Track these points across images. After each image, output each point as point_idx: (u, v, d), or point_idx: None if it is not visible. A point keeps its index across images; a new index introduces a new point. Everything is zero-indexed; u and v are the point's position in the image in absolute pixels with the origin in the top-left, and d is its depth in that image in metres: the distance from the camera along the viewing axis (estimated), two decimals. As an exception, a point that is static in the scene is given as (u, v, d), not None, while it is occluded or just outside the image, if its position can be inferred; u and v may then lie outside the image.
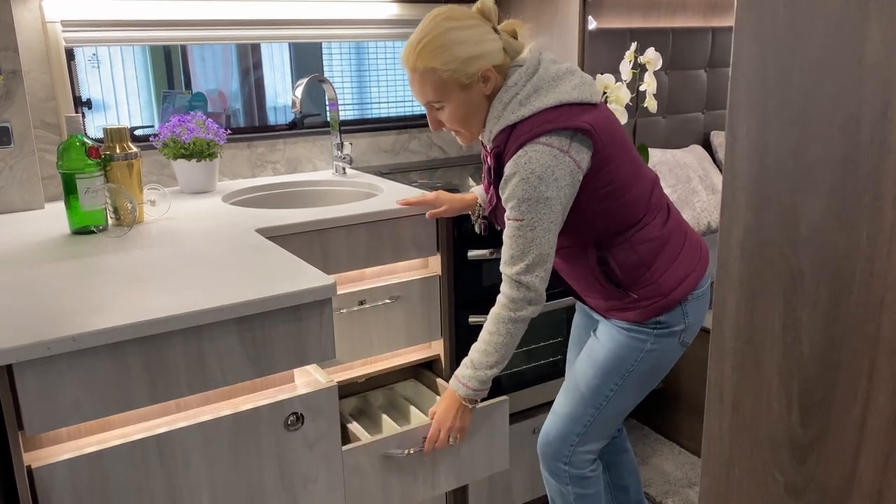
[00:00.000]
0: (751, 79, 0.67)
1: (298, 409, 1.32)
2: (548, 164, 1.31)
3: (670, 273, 1.47)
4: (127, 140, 1.70)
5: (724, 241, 0.75)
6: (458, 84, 1.35)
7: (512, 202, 1.34)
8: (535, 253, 1.35)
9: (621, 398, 1.54)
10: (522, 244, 1.35)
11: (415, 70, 1.37)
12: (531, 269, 1.37)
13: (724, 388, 0.77)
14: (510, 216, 1.36)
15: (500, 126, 1.36)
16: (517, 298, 1.39)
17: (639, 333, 1.50)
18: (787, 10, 0.64)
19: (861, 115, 0.60)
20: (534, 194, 1.31)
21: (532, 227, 1.34)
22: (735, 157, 0.71)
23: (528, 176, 1.31)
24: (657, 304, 1.47)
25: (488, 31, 1.38)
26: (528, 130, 1.33)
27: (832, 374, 0.67)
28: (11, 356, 1.04)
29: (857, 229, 0.62)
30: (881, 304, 0.62)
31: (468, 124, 1.41)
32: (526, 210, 1.33)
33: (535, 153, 1.32)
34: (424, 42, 1.34)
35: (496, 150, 1.38)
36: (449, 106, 1.38)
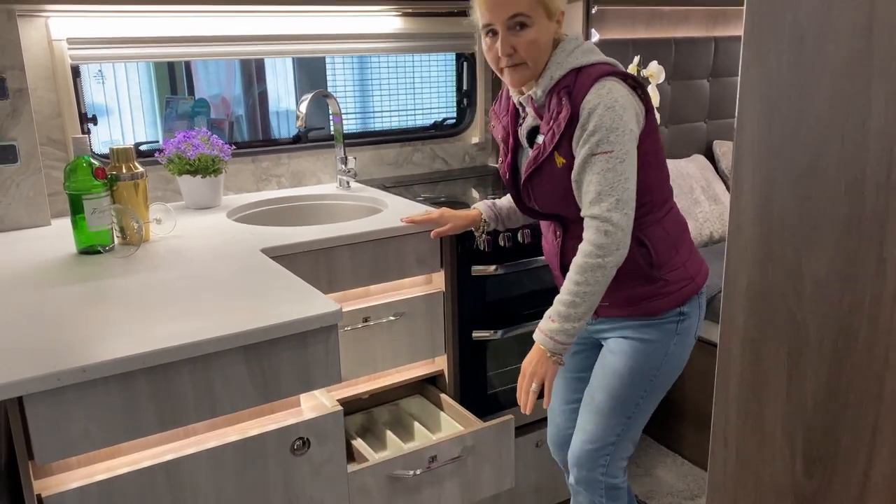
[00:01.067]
0: (756, 135, 0.68)
1: (304, 434, 1.33)
2: (626, 97, 1.34)
3: (692, 258, 1.53)
4: (133, 160, 1.71)
5: (729, 288, 0.75)
6: (547, 10, 1.37)
7: (599, 134, 1.31)
8: (624, 187, 1.32)
9: (651, 402, 1.56)
10: (612, 178, 1.32)
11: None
12: (620, 206, 1.33)
13: (729, 435, 0.78)
14: (598, 150, 1.32)
15: (563, 70, 1.37)
16: (604, 244, 1.34)
17: (661, 337, 1.50)
18: (792, 70, 0.65)
19: (865, 177, 0.61)
20: (620, 123, 1.31)
21: (621, 159, 1.31)
22: (740, 210, 0.71)
23: (612, 104, 1.31)
24: (686, 289, 1.49)
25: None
26: (598, 69, 1.36)
27: (836, 428, 0.67)
28: (23, 388, 1.05)
29: (861, 288, 0.63)
30: (885, 363, 0.63)
31: (539, 57, 1.39)
32: (615, 140, 1.31)
33: (612, 85, 1.34)
34: None
35: (566, 89, 1.36)
36: (533, 29, 1.37)
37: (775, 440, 0.73)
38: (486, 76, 2.61)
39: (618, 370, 1.52)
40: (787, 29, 0.65)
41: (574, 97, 1.35)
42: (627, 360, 1.51)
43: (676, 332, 1.50)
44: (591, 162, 1.33)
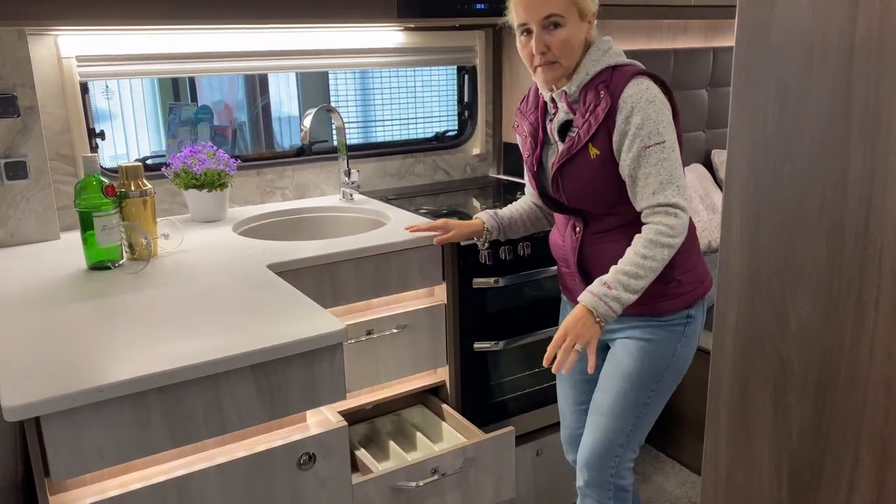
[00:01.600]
0: (744, 180, 0.72)
1: (311, 450, 1.37)
2: (660, 94, 1.40)
3: (701, 262, 1.58)
4: (141, 177, 1.75)
5: (720, 322, 0.79)
6: (580, 11, 1.42)
7: (648, 126, 1.37)
8: (681, 174, 1.39)
9: (658, 402, 1.59)
10: (670, 166, 1.38)
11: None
12: (682, 192, 1.39)
13: (719, 460, 0.81)
14: (650, 142, 1.37)
15: (600, 66, 1.43)
16: (675, 224, 1.38)
17: (668, 338, 1.53)
18: (777, 122, 0.68)
19: (845, 225, 0.65)
20: (664, 116, 1.38)
21: (673, 147, 1.38)
22: (729, 248, 0.75)
23: (653, 98, 1.38)
24: (695, 291, 1.53)
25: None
26: (634, 68, 1.43)
27: (819, 459, 0.71)
28: (40, 408, 1.09)
29: (842, 330, 0.67)
30: (864, 401, 0.66)
31: (571, 56, 1.45)
32: (664, 132, 1.37)
33: (648, 83, 1.40)
34: None
35: (603, 83, 1.42)
36: (566, 28, 1.42)
37: (763, 468, 0.77)
38: (486, 88, 2.64)
39: (626, 371, 1.55)
40: (772, 83, 0.68)
41: (613, 91, 1.41)
42: (635, 362, 1.54)
43: (684, 333, 1.54)
44: (646, 154, 1.38)
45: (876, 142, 0.62)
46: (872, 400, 0.66)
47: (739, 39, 0.71)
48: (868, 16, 0.61)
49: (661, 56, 2.88)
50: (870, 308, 0.65)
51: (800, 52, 0.66)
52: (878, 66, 0.61)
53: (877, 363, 0.65)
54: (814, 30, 0.65)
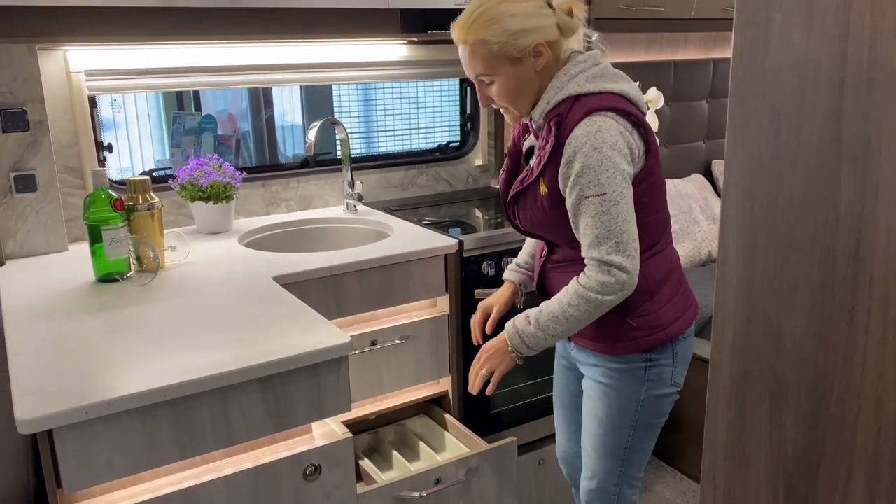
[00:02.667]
0: (739, 205, 0.74)
1: (316, 461, 1.39)
2: (617, 136, 1.27)
3: (670, 306, 1.46)
4: (149, 191, 1.78)
5: (717, 340, 0.82)
6: (509, 57, 1.32)
7: (588, 175, 1.27)
8: (622, 230, 1.28)
9: (640, 443, 1.55)
10: (608, 221, 1.27)
11: (465, 42, 1.35)
12: (621, 249, 1.28)
13: (717, 476, 0.83)
14: (590, 193, 1.27)
15: (561, 96, 1.33)
16: (606, 282, 1.30)
17: (630, 382, 1.47)
18: (771, 151, 0.71)
19: (837, 250, 0.67)
20: (609, 164, 1.25)
21: (616, 201, 1.27)
22: (726, 269, 0.78)
23: (599, 145, 1.26)
24: (653, 337, 1.43)
25: (542, 5, 1.35)
26: (596, 101, 1.30)
27: (813, 475, 0.73)
28: (53, 421, 1.12)
29: (834, 350, 0.69)
30: (856, 419, 0.69)
31: (518, 100, 1.38)
32: (606, 182, 1.26)
33: (604, 123, 1.27)
34: (476, 14, 1.32)
35: (557, 117, 1.32)
36: (499, 80, 1.35)
37: (759, 483, 0.79)
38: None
39: (597, 416, 1.53)
40: (766, 112, 0.71)
41: (563, 128, 1.31)
42: (602, 406, 1.51)
43: (647, 378, 1.47)
44: (584, 205, 1.29)
45: (866, 171, 0.64)
46: (864, 418, 0.68)
47: (735, 69, 0.73)
48: (858, 49, 0.64)
49: (661, 67, 2.91)
50: (860, 330, 0.67)
51: (793, 83, 0.69)
52: (868, 97, 0.64)
53: (868, 383, 0.67)
54: (806, 61, 0.68)
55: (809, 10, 0.66)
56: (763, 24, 0.70)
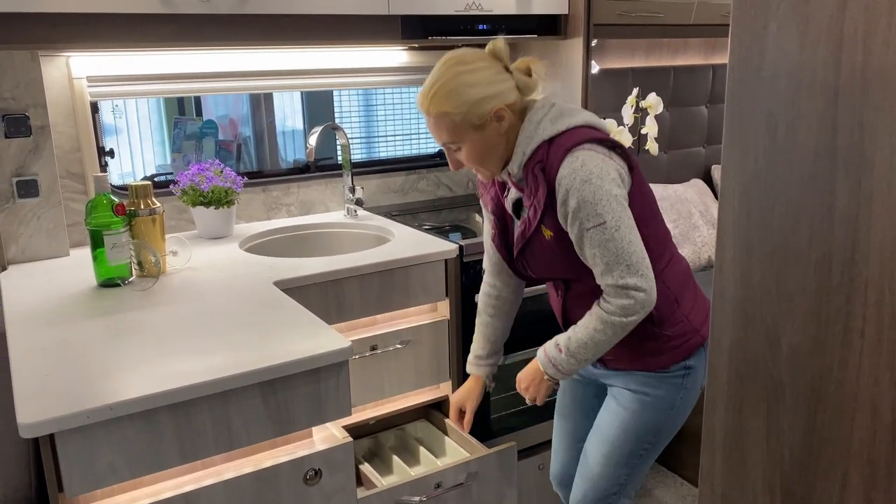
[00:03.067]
0: (736, 211, 0.75)
1: (316, 465, 1.40)
2: (600, 164, 1.31)
3: (697, 308, 1.49)
4: (151, 196, 1.78)
5: (714, 345, 0.82)
6: (472, 125, 1.36)
7: (585, 209, 1.30)
8: (630, 252, 1.31)
9: (654, 453, 1.56)
10: (614, 247, 1.30)
11: (429, 114, 1.39)
12: (633, 270, 1.31)
13: (715, 479, 0.84)
14: (590, 224, 1.30)
15: (534, 144, 1.36)
16: (627, 305, 1.33)
17: (668, 392, 1.49)
18: (767, 156, 0.72)
19: (832, 256, 0.68)
20: (602, 194, 1.29)
21: (617, 226, 1.29)
22: (723, 276, 0.78)
23: (588, 177, 1.29)
24: (690, 342, 1.47)
25: (499, 71, 1.38)
26: (568, 139, 1.34)
27: (811, 478, 0.74)
28: (55, 425, 1.12)
29: (830, 354, 0.70)
30: (852, 423, 0.69)
31: (486, 162, 1.41)
32: (604, 210, 1.29)
33: (585, 156, 1.31)
34: (436, 87, 1.36)
35: (539, 164, 1.35)
36: (465, 146, 1.39)
37: (757, 488, 0.79)
38: (489, 105, 2.68)
39: (623, 423, 1.52)
40: (762, 119, 0.72)
41: (548, 172, 1.34)
42: (632, 415, 1.51)
43: (683, 386, 1.49)
44: (587, 236, 1.32)
45: (861, 177, 0.65)
46: (860, 422, 0.69)
47: (731, 76, 0.74)
48: (852, 56, 0.65)
49: (660, 73, 2.92)
50: (856, 335, 0.68)
51: (788, 90, 0.70)
52: (862, 104, 0.65)
53: (864, 387, 0.68)
54: (801, 68, 0.68)
55: (804, 17, 0.67)
56: (759, 32, 0.71)
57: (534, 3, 2.22)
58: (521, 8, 2.21)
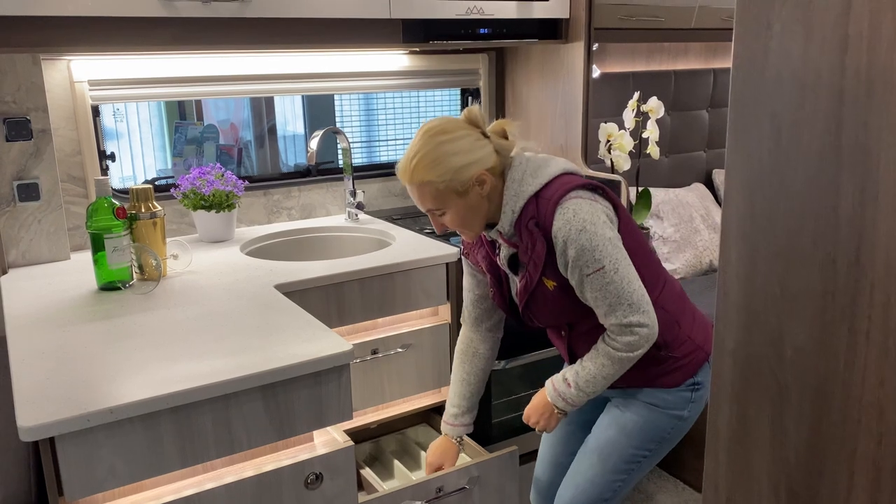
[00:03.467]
0: (740, 212, 0.75)
1: (318, 469, 1.39)
2: (590, 211, 1.35)
3: (697, 325, 1.53)
4: (151, 199, 1.78)
5: (718, 347, 0.82)
6: (455, 192, 1.39)
7: (585, 257, 1.34)
8: (630, 292, 1.36)
9: (652, 461, 1.56)
10: (614, 289, 1.35)
11: (412, 183, 1.42)
12: (635, 308, 1.36)
13: (719, 482, 0.84)
14: (589, 270, 1.35)
15: (522, 201, 1.40)
16: (632, 342, 1.38)
17: (675, 404, 1.51)
18: (772, 157, 0.71)
19: (837, 257, 0.68)
20: (598, 240, 1.33)
21: (615, 268, 1.34)
22: (727, 277, 0.78)
23: (583, 226, 1.34)
24: (696, 359, 1.50)
25: (478, 137, 1.42)
26: (554, 192, 1.38)
27: (816, 482, 0.73)
28: (55, 429, 1.12)
29: (835, 356, 0.69)
30: (858, 425, 0.69)
31: (470, 224, 1.45)
32: (602, 256, 1.34)
33: (574, 206, 1.36)
34: (418, 158, 1.39)
35: (533, 220, 1.40)
36: (449, 212, 1.43)
37: (762, 490, 0.79)
38: (489, 110, 2.68)
39: (626, 427, 1.53)
40: (766, 120, 0.71)
41: (543, 227, 1.38)
42: (637, 420, 1.52)
43: (691, 399, 1.51)
44: (588, 281, 1.37)
45: (865, 178, 0.65)
46: (866, 424, 0.68)
47: (735, 77, 0.74)
48: (856, 57, 0.64)
49: (661, 77, 2.93)
50: (861, 336, 0.67)
51: (793, 91, 0.69)
52: (867, 105, 0.64)
53: (869, 389, 0.68)
54: (805, 70, 0.68)
55: (808, 19, 0.67)
56: (762, 33, 0.71)
57: (535, 7, 2.22)
58: (522, 12, 2.21)
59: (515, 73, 2.60)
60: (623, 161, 2.40)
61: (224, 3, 1.76)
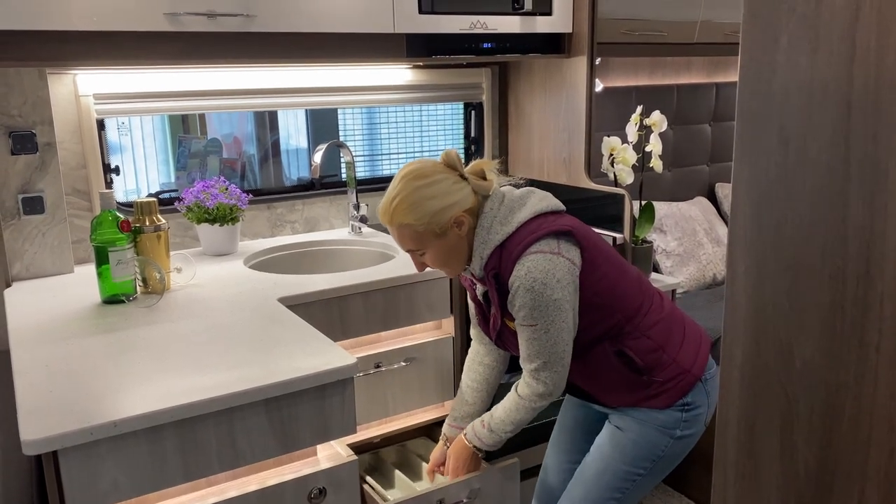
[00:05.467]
0: (748, 225, 0.75)
1: (321, 484, 1.38)
2: (546, 268, 1.39)
3: (684, 349, 1.52)
4: (156, 212, 1.79)
5: (727, 361, 0.81)
6: (433, 234, 1.44)
7: (523, 312, 1.42)
8: (550, 352, 1.43)
9: (648, 482, 1.55)
10: (538, 346, 1.43)
11: (391, 224, 1.46)
12: (547, 367, 1.45)
13: (728, 497, 0.83)
14: (524, 323, 1.43)
15: (489, 249, 1.44)
16: (541, 392, 1.48)
17: (668, 422, 1.51)
18: (779, 170, 0.71)
19: (847, 269, 0.67)
20: (541, 301, 1.39)
21: (546, 329, 1.41)
22: (735, 291, 0.78)
23: (531, 286, 1.38)
24: (683, 382, 1.50)
25: (456, 180, 1.46)
26: (517, 244, 1.42)
27: (826, 496, 0.73)
28: (58, 442, 1.11)
29: (845, 369, 0.69)
30: (869, 440, 0.68)
31: (449, 264, 1.50)
32: (538, 316, 1.40)
33: (531, 262, 1.40)
34: (397, 202, 1.43)
35: (493, 271, 1.45)
36: (429, 252, 1.47)
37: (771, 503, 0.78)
38: (492, 124, 2.69)
39: (620, 443, 1.53)
40: (774, 133, 0.71)
41: (501, 280, 1.44)
42: (631, 436, 1.52)
43: (683, 419, 1.51)
44: (521, 329, 1.45)
45: (874, 190, 0.65)
46: (877, 438, 0.68)
47: (742, 90, 0.74)
48: (864, 70, 0.65)
49: (664, 91, 2.94)
50: (871, 349, 0.67)
51: (800, 104, 0.69)
52: (875, 117, 0.64)
53: (880, 403, 0.67)
54: (813, 82, 0.68)
55: (816, 31, 0.67)
56: (769, 46, 0.71)
57: (538, 21, 2.23)
58: (526, 27, 2.22)
59: (518, 88, 2.61)
60: (626, 175, 2.40)
61: (229, 17, 1.77)
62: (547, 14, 2.25)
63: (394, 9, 1.99)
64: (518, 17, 2.20)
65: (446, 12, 2.08)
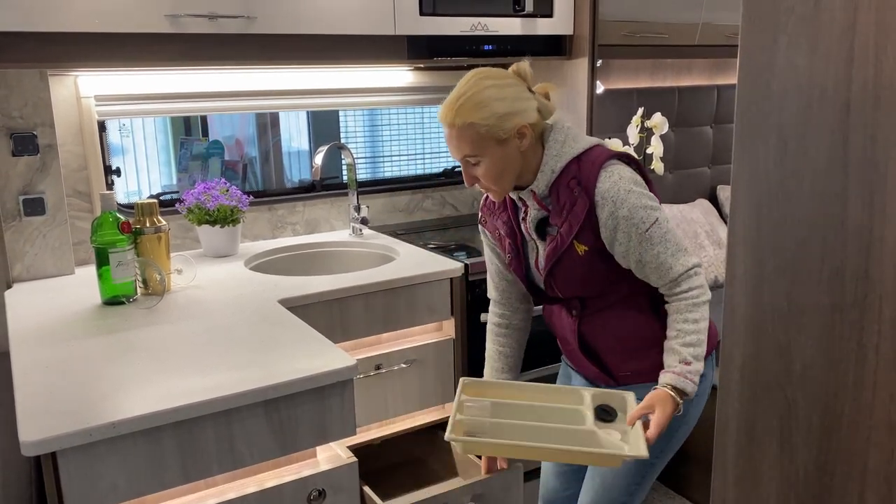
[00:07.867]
0: (747, 226, 0.74)
1: (321, 486, 1.38)
2: (633, 176, 1.37)
3: None
4: (156, 214, 1.79)
5: (726, 363, 0.81)
6: (495, 139, 1.37)
7: (639, 214, 1.35)
8: (679, 238, 1.39)
9: (664, 460, 1.55)
10: (672, 237, 1.38)
11: (453, 126, 1.39)
12: (691, 252, 1.40)
13: (727, 499, 0.82)
14: (646, 226, 1.36)
15: (563, 161, 1.40)
16: (702, 283, 1.40)
17: None
18: (778, 170, 0.71)
19: (845, 271, 0.67)
20: (646, 198, 1.36)
21: (666, 219, 1.38)
22: (734, 293, 0.77)
23: (630, 187, 1.35)
24: None
25: (524, 90, 1.41)
26: (595, 155, 1.39)
27: (825, 498, 0.72)
28: (57, 443, 1.11)
29: (844, 372, 0.69)
30: (867, 441, 0.68)
31: (502, 179, 1.42)
32: (652, 210, 1.36)
33: (619, 169, 1.37)
34: (464, 98, 1.37)
35: (574, 179, 1.39)
36: (485, 160, 1.40)
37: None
38: (494, 125, 2.69)
39: None
40: (773, 134, 0.71)
41: (586, 187, 1.37)
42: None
43: (696, 392, 1.47)
44: (647, 237, 1.36)
45: (873, 191, 0.64)
46: (876, 440, 0.67)
47: (741, 91, 0.74)
48: (863, 71, 0.64)
49: (665, 93, 2.93)
50: (871, 351, 0.66)
51: (799, 105, 0.69)
52: (874, 118, 0.64)
53: (879, 404, 0.67)
54: (812, 83, 0.68)
55: (814, 32, 0.67)
56: (768, 47, 0.71)
57: (539, 23, 2.23)
58: (527, 28, 2.22)
59: (519, 90, 2.60)
60: (627, 177, 2.39)
61: (230, 19, 1.77)
62: (548, 16, 2.25)
63: (395, 11, 1.99)
64: (519, 18, 2.20)
65: (447, 14, 2.08)
